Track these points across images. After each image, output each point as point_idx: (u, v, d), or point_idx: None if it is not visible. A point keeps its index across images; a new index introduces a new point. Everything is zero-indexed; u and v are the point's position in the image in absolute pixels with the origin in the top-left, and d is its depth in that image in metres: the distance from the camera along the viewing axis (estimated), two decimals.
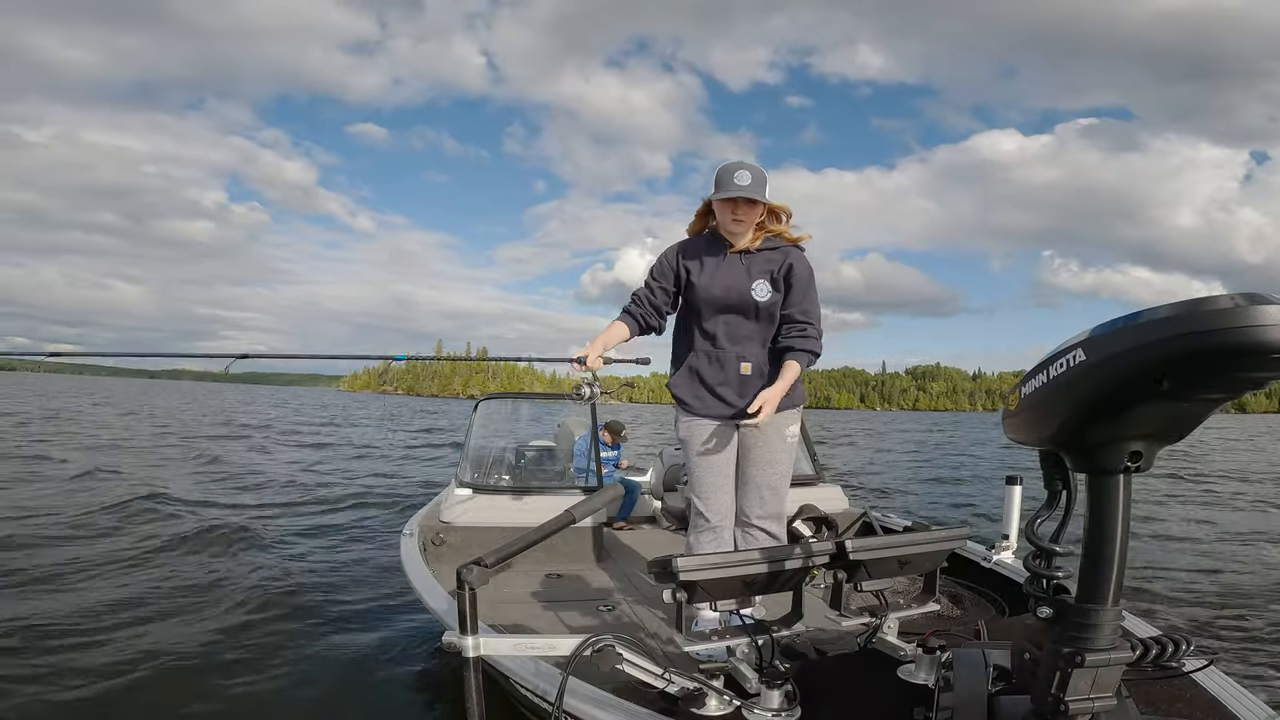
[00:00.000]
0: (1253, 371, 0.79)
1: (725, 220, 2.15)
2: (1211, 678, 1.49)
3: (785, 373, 2.12)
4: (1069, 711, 0.97)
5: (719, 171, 2.13)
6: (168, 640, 3.07)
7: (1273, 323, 0.74)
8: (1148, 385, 0.82)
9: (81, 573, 4.03)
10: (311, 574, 4.29)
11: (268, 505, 6.73)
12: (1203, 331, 0.77)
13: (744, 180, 2.07)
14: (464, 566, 1.34)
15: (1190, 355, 0.78)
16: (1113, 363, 0.84)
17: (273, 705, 2.57)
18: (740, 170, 2.08)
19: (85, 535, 5.02)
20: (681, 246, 2.29)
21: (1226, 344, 0.76)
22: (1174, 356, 0.79)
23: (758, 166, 2.11)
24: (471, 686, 1.29)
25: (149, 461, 9.77)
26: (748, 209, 2.11)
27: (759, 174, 2.10)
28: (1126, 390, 0.85)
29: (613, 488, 1.83)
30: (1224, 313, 0.76)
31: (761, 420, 2.05)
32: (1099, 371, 0.85)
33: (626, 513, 4.21)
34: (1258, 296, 0.77)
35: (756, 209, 2.13)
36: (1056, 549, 1.02)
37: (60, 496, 6.47)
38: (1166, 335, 0.79)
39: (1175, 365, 0.80)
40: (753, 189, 2.07)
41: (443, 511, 3.25)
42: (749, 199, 2.09)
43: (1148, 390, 0.83)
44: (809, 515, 3.28)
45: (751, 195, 2.07)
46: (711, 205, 2.19)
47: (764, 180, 2.11)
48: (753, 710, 1.39)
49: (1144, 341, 0.81)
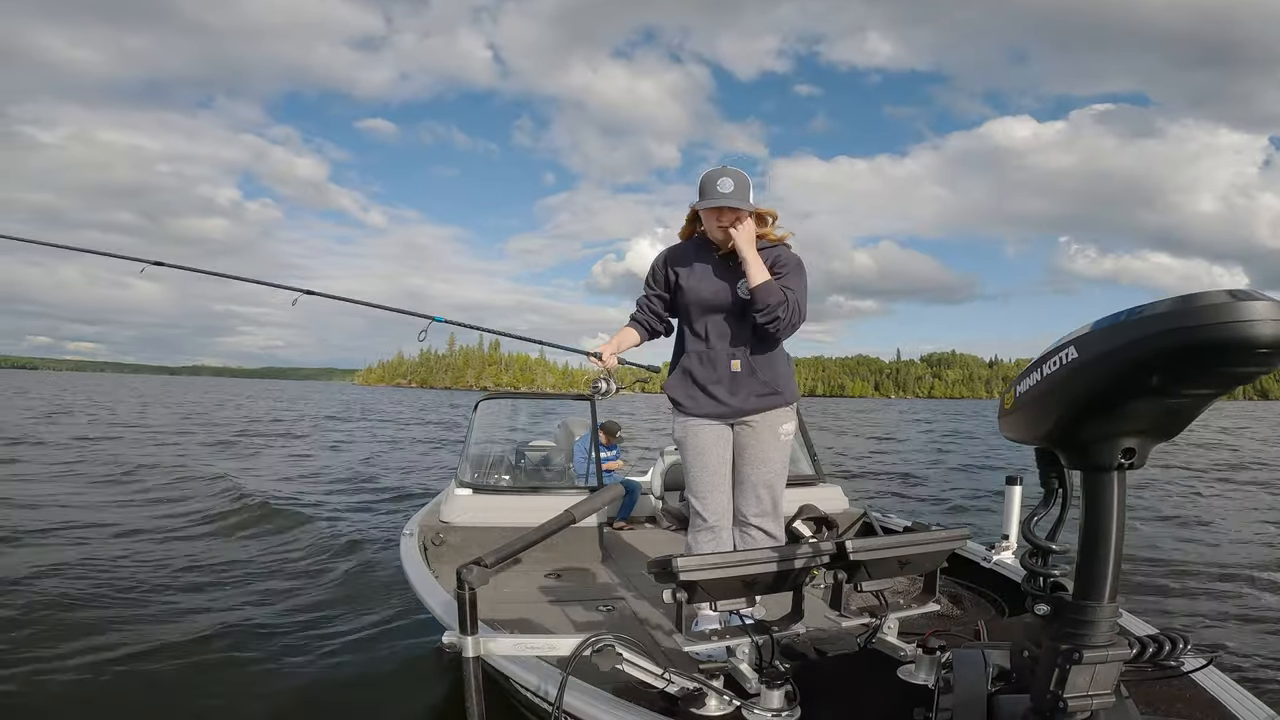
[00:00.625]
0: (1240, 366, 0.80)
1: (711, 227, 2.18)
2: (1211, 677, 1.49)
3: (759, 261, 2.13)
4: (1067, 709, 0.97)
5: (703, 179, 2.16)
6: (163, 635, 3.07)
7: (1260, 318, 0.76)
8: (1139, 381, 0.84)
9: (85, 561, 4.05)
10: (312, 574, 4.30)
11: (288, 501, 6.75)
12: (1192, 327, 0.78)
13: (726, 188, 2.10)
14: (464, 566, 1.34)
15: (1180, 351, 0.80)
16: (1105, 359, 0.85)
17: (273, 705, 2.57)
18: (723, 178, 2.11)
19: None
20: (669, 253, 2.34)
21: (1215, 339, 0.77)
22: (1164, 352, 0.81)
23: (741, 172, 2.14)
24: (471, 686, 1.30)
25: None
26: (732, 215, 2.13)
27: (742, 180, 2.13)
28: (1119, 387, 0.86)
29: (613, 488, 1.84)
30: (1213, 308, 0.77)
31: (735, 235, 2.10)
32: (1092, 368, 0.86)
33: (626, 513, 4.21)
34: (1243, 293, 0.78)
35: (742, 214, 2.15)
36: (1053, 547, 1.02)
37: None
38: (1156, 331, 0.81)
39: (1165, 361, 0.81)
40: (735, 196, 2.10)
41: (443, 511, 3.25)
42: (733, 206, 2.11)
43: (1139, 386, 0.84)
44: (809, 515, 3.28)
45: (734, 204, 2.10)
46: (698, 213, 2.22)
47: (747, 186, 2.13)
48: (753, 710, 1.39)
49: (1135, 338, 0.82)
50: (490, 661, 1.61)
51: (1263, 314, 0.75)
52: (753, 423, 2.23)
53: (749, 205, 2.12)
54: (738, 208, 2.11)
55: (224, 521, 5.77)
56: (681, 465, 2.34)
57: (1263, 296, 0.77)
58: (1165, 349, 0.80)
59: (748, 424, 2.24)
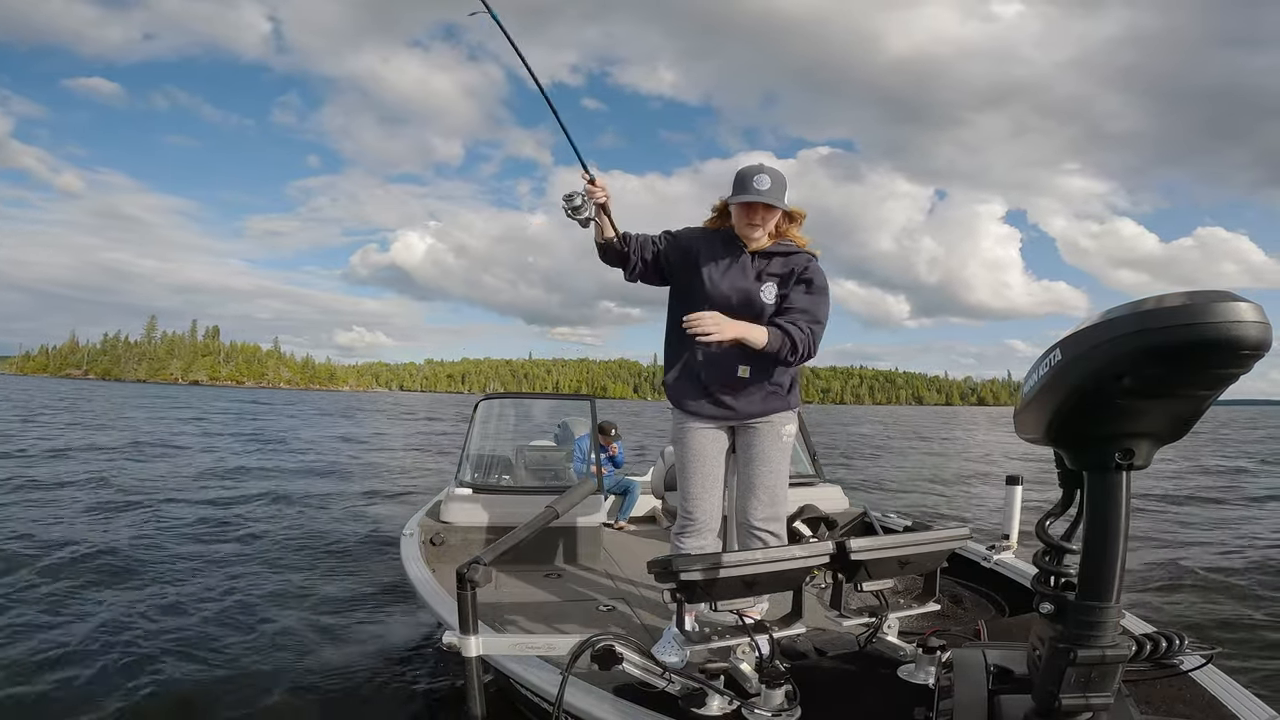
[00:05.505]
0: (1210, 368, 0.81)
1: (741, 224, 2.12)
2: (1211, 676, 1.49)
3: (752, 328, 2.01)
4: (1069, 709, 0.97)
5: (739, 173, 2.09)
6: (164, 637, 3.07)
7: (1226, 319, 0.76)
8: (1110, 382, 0.85)
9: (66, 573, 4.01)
10: (312, 575, 4.29)
11: (262, 505, 6.73)
12: (1154, 329, 0.79)
13: (763, 185, 2.03)
14: (464, 566, 1.34)
15: (1144, 352, 0.81)
16: (1080, 361, 0.87)
17: (273, 705, 2.57)
18: (760, 174, 2.04)
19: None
20: (702, 232, 2.23)
21: (1177, 341, 0.78)
22: (1129, 354, 0.82)
23: (778, 170, 2.07)
24: (472, 686, 1.30)
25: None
26: (765, 213, 2.07)
27: (779, 178, 2.06)
28: (1096, 387, 0.87)
29: (585, 481, 1.83)
30: (1176, 310, 0.79)
31: (701, 330, 1.91)
32: (1071, 369, 0.88)
33: (626, 513, 4.21)
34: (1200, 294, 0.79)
35: (774, 214, 2.09)
36: (1067, 546, 1.02)
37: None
38: (1123, 333, 0.82)
39: (1132, 363, 0.82)
40: (772, 194, 2.03)
41: (442, 511, 3.25)
42: (767, 204, 2.05)
43: (1112, 387, 0.85)
44: (809, 515, 3.28)
45: (770, 201, 2.04)
46: (728, 206, 2.14)
47: (784, 185, 2.07)
48: (753, 710, 1.39)
49: (1104, 339, 0.84)
50: (490, 661, 1.61)
51: (1231, 315, 0.76)
52: (755, 425, 2.21)
53: (783, 204, 2.08)
54: (771, 204, 2.05)
55: (221, 522, 5.76)
56: (675, 464, 2.33)
57: (1234, 298, 0.77)
58: (1132, 350, 0.82)
59: (750, 426, 2.22)
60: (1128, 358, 0.82)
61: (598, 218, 2.08)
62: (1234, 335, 0.76)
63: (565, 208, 2.04)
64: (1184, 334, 0.78)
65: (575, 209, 2.03)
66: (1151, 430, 0.91)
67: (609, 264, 2.23)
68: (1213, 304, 0.77)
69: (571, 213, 2.03)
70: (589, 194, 2.05)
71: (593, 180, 2.06)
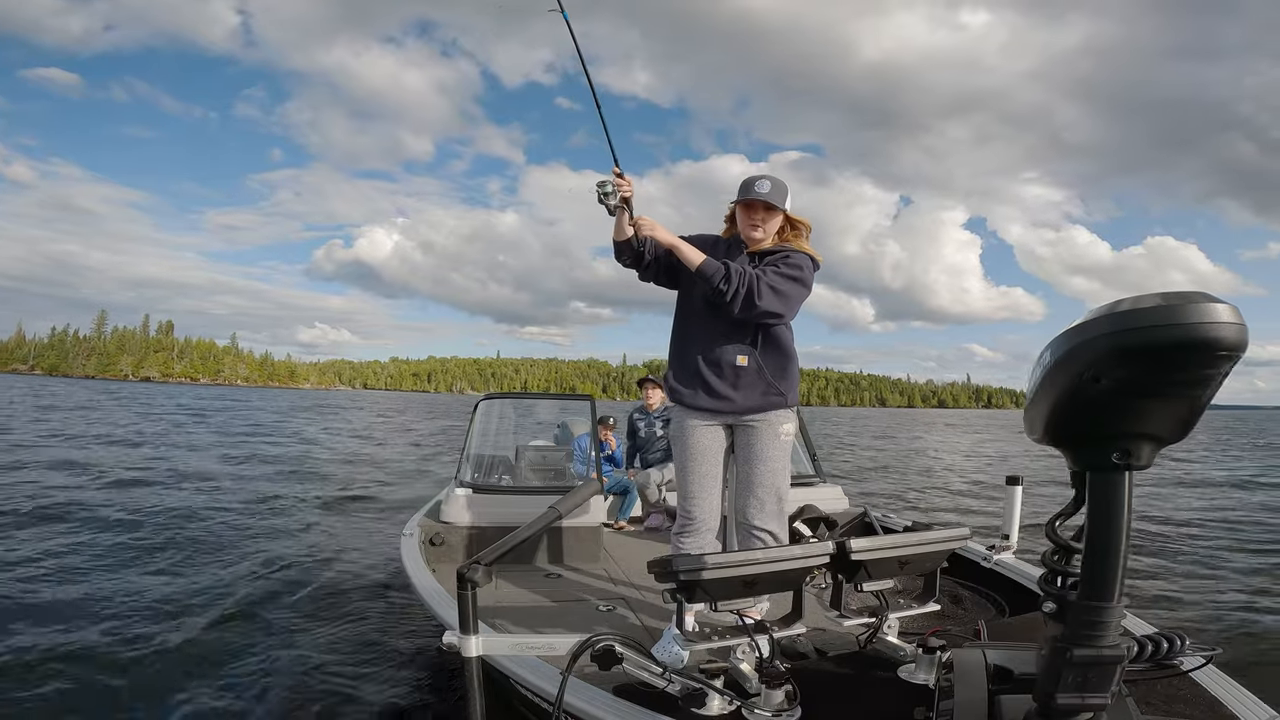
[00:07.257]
0: (1188, 369, 0.81)
1: (743, 225, 2.24)
2: (1211, 677, 1.48)
3: (689, 246, 2.17)
4: (1066, 708, 0.97)
5: (744, 180, 2.24)
6: (165, 639, 3.07)
7: (1202, 320, 0.76)
8: (1090, 383, 0.85)
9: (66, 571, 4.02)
10: (311, 575, 4.29)
11: (261, 501, 6.73)
12: (1130, 329, 0.79)
13: (764, 188, 2.17)
14: (464, 566, 1.34)
15: (1120, 353, 0.81)
16: (1063, 362, 0.87)
17: (273, 705, 2.57)
18: (762, 180, 2.19)
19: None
20: (714, 239, 2.36)
21: (1153, 342, 0.78)
22: (1106, 355, 0.82)
23: (779, 179, 2.20)
24: (472, 686, 1.30)
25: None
26: (765, 214, 2.18)
27: (780, 185, 2.19)
28: (1078, 388, 0.87)
29: (589, 483, 1.84)
30: (1152, 311, 0.78)
31: (643, 230, 2.17)
32: (1055, 370, 0.89)
33: (627, 513, 4.22)
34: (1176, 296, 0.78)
35: (775, 216, 2.20)
36: (1075, 546, 1.02)
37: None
38: (1100, 334, 0.82)
39: (1108, 363, 0.82)
40: (771, 195, 2.16)
41: (443, 511, 3.25)
42: (768, 205, 2.16)
43: (1091, 388, 0.85)
44: (809, 515, 3.29)
45: (769, 200, 2.16)
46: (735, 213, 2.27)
47: (784, 191, 2.19)
48: (753, 710, 1.39)
49: (1081, 341, 0.84)
50: (490, 661, 1.61)
51: (1202, 316, 0.76)
52: (753, 423, 2.23)
53: (783, 205, 2.18)
54: (771, 204, 2.16)
55: (218, 521, 5.76)
56: (675, 463, 2.34)
57: (1203, 299, 0.77)
58: (1106, 351, 0.82)
59: (748, 424, 2.23)
60: (1105, 359, 0.82)
61: (621, 209, 2.22)
62: (1210, 336, 0.76)
63: (598, 193, 2.22)
64: (1160, 335, 0.77)
65: (606, 194, 2.20)
66: (1148, 431, 0.91)
67: (624, 264, 2.33)
68: (1189, 305, 0.77)
69: (602, 198, 2.20)
70: (617, 186, 2.21)
71: (621, 175, 2.22)
